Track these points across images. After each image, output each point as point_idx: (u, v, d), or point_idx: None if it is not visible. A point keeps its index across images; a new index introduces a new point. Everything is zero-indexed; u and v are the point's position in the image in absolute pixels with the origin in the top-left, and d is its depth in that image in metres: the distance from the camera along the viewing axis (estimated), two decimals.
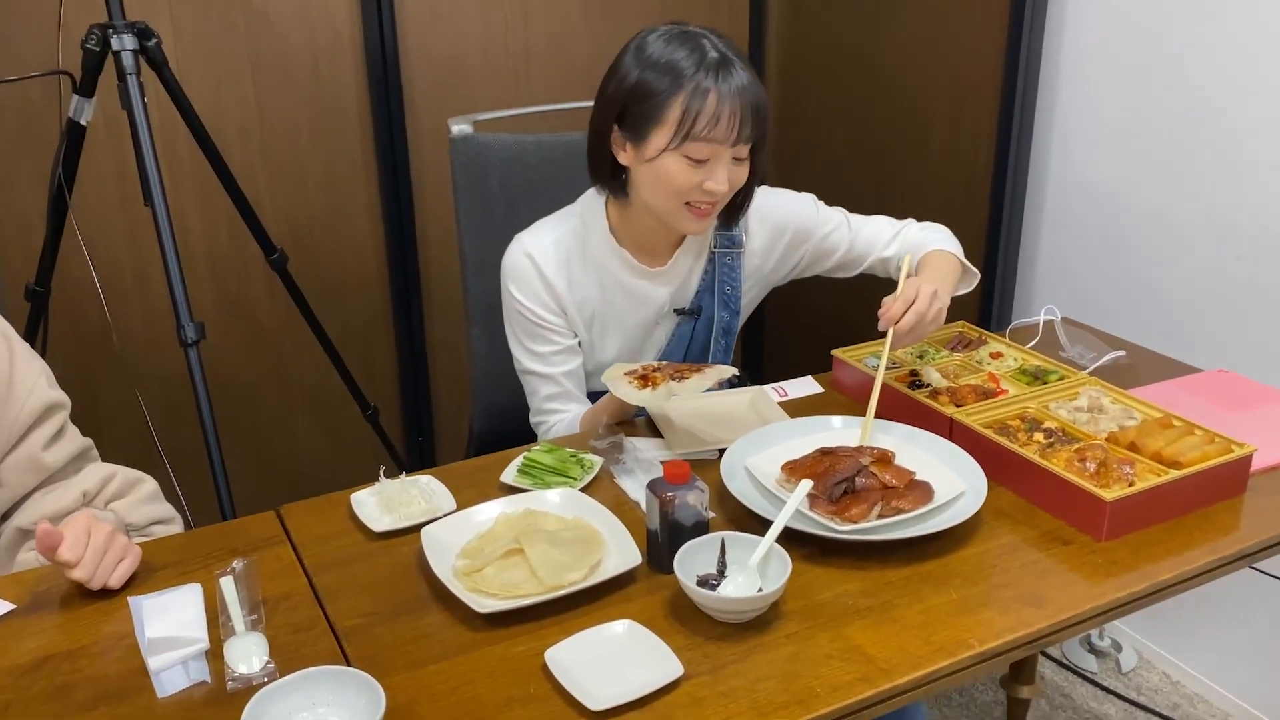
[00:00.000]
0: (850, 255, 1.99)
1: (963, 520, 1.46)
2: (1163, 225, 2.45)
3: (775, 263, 1.98)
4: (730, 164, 1.71)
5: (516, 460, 1.65)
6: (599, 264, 1.86)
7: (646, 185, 1.74)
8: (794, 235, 1.96)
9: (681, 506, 1.39)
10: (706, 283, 1.93)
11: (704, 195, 1.71)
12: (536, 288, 1.84)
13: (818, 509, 1.48)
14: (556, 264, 1.85)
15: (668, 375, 1.65)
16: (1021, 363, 1.89)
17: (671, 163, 1.68)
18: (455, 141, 2.18)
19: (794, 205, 1.97)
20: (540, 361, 1.88)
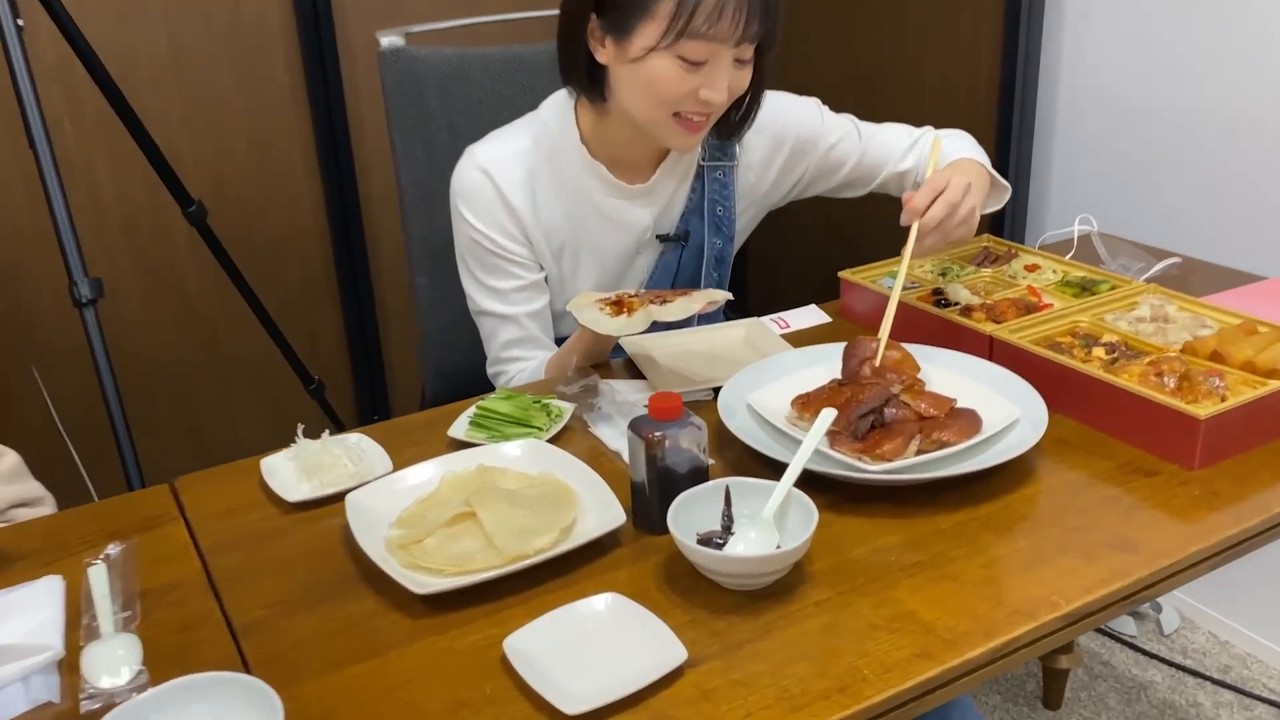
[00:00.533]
0: (860, 169, 1.70)
1: (1022, 452, 1.17)
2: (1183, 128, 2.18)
3: (774, 179, 1.68)
4: (731, 68, 1.42)
5: (468, 411, 1.35)
6: (569, 182, 1.57)
7: (629, 90, 1.45)
8: (795, 146, 1.67)
9: (673, 450, 1.09)
10: (695, 203, 1.64)
11: (698, 105, 1.42)
12: (495, 210, 1.54)
13: (841, 447, 1.20)
14: (518, 182, 1.55)
15: (647, 300, 1.36)
16: (1064, 274, 1.61)
17: (661, 64, 1.39)
18: (385, 56, 1.87)
19: (795, 110, 1.68)
20: (499, 300, 1.58)
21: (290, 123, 2.64)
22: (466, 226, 1.56)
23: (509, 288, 1.57)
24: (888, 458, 1.17)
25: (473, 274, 1.59)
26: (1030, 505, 1.15)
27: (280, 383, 2.62)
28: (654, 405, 1.09)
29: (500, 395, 1.35)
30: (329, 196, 2.70)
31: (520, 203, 1.54)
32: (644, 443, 1.09)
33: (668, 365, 1.48)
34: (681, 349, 1.54)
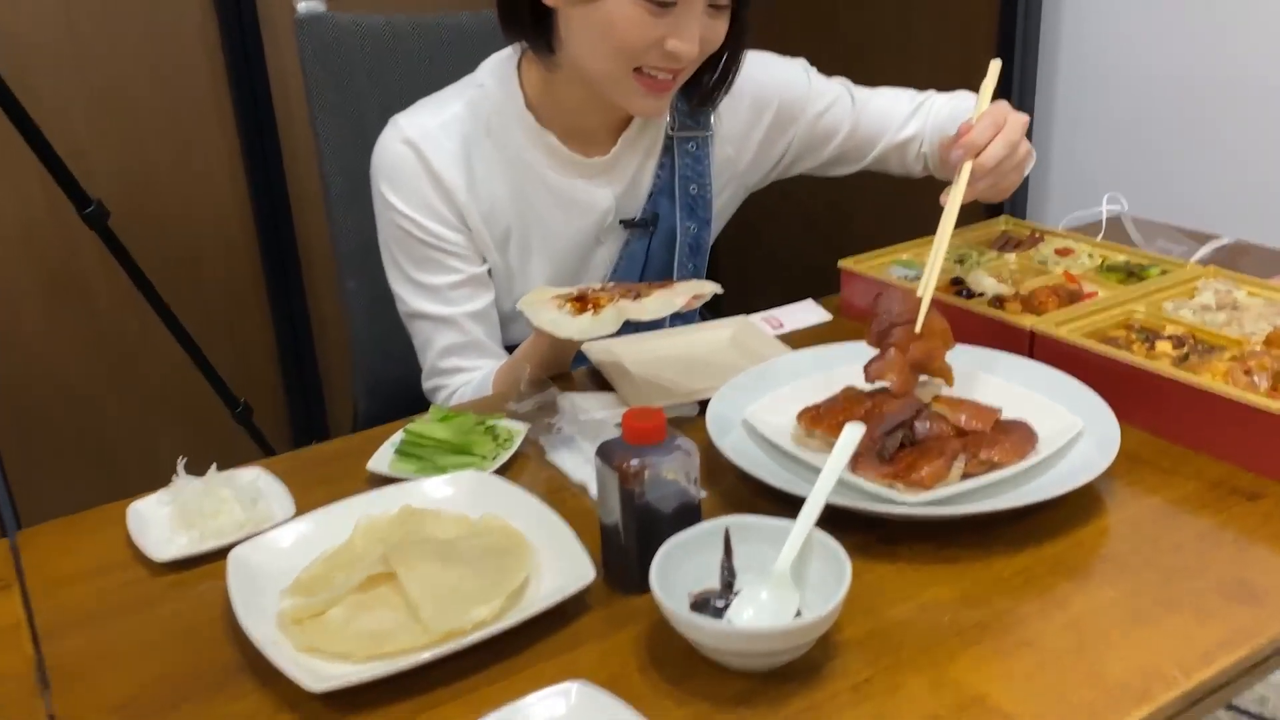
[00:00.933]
0: (854, 140, 1.45)
1: (1096, 475, 0.93)
2: (1203, 98, 1.96)
3: (755, 152, 1.44)
4: (704, 15, 1.17)
5: (394, 437, 1.08)
6: (513, 155, 1.31)
7: (581, 39, 1.20)
8: (779, 112, 1.42)
9: (655, 482, 0.83)
10: (664, 181, 1.39)
11: (663, 59, 1.18)
12: (424, 190, 1.28)
13: (865, 472, 0.94)
14: (452, 156, 1.29)
15: (617, 295, 1.10)
16: (1103, 259, 1.37)
17: (620, 6, 1.15)
18: (302, 24, 1.60)
19: (779, 71, 1.43)
20: (434, 299, 1.32)
21: (210, 114, 2.36)
22: (391, 211, 1.29)
23: (445, 283, 1.31)
24: (926, 484, 0.92)
25: (401, 268, 1.32)
26: (1109, 541, 0.90)
27: (204, 407, 2.33)
28: (630, 425, 0.84)
29: (435, 416, 1.08)
30: (256, 197, 2.42)
31: (455, 181, 1.28)
32: (617, 474, 0.83)
33: (642, 374, 1.22)
34: (656, 355, 1.28)
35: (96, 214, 1.95)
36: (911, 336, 1.03)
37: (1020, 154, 1.16)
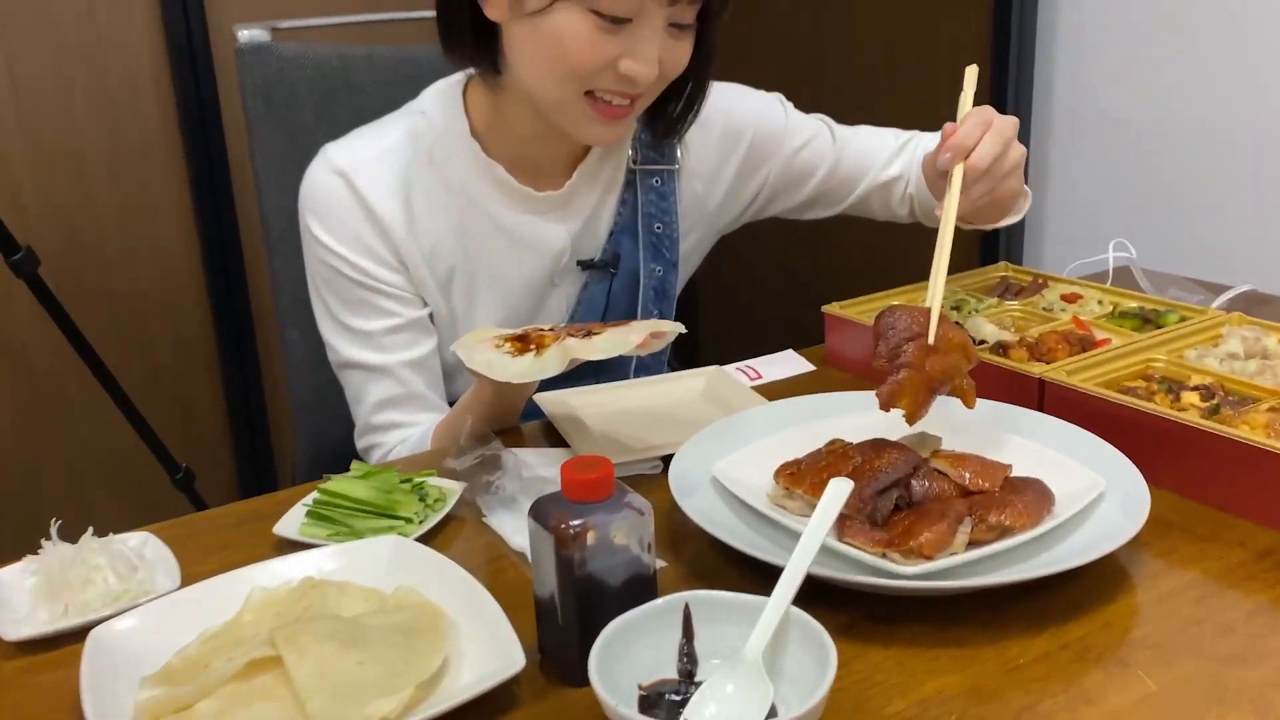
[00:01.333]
0: (835, 178, 1.33)
1: (1123, 542, 0.79)
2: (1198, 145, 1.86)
3: (727, 190, 1.31)
4: (665, 34, 1.05)
5: (309, 497, 0.93)
6: (457, 188, 1.18)
7: (527, 58, 1.07)
8: (753, 146, 1.30)
9: (600, 546, 0.69)
10: (626, 219, 1.26)
11: (617, 82, 1.05)
12: (356, 225, 1.15)
13: (855, 538, 0.80)
14: (388, 188, 1.16)
15: (564, 334, 0.97)
16: (1114, 305, 1.24)
17: (569, 21, 1.02)
18: (244, 54, 1.49)
19: (753, 103, 1.31)
20: (367, 346, 1.18)
21: (159, 158, 2.23)
22: (319, 248, 1.16)
23: (379, 329, 1.17)
24: (926, 553, 0.77)
25: (331, 313, 1.18)
26: (1144, 623, 0.76)
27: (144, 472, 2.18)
28: (569, 477, 0.69)
29: (355, 473, 0.94)
30: (206, 245, 2.29)
31: (391, 215, 1.15)
32: (552, 537, 0.68)
33: (600, 428, 1.08)
34: (618, 407, 1.14)
35: (25, 261, 1.82)
36: (927, 350, 0.89)
37: (1015, 156, 1.04)
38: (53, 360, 2.20)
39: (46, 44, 2.08)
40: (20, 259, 1.81)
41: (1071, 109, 2.04)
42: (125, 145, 2.18)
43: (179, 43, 2.14)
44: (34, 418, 2.23)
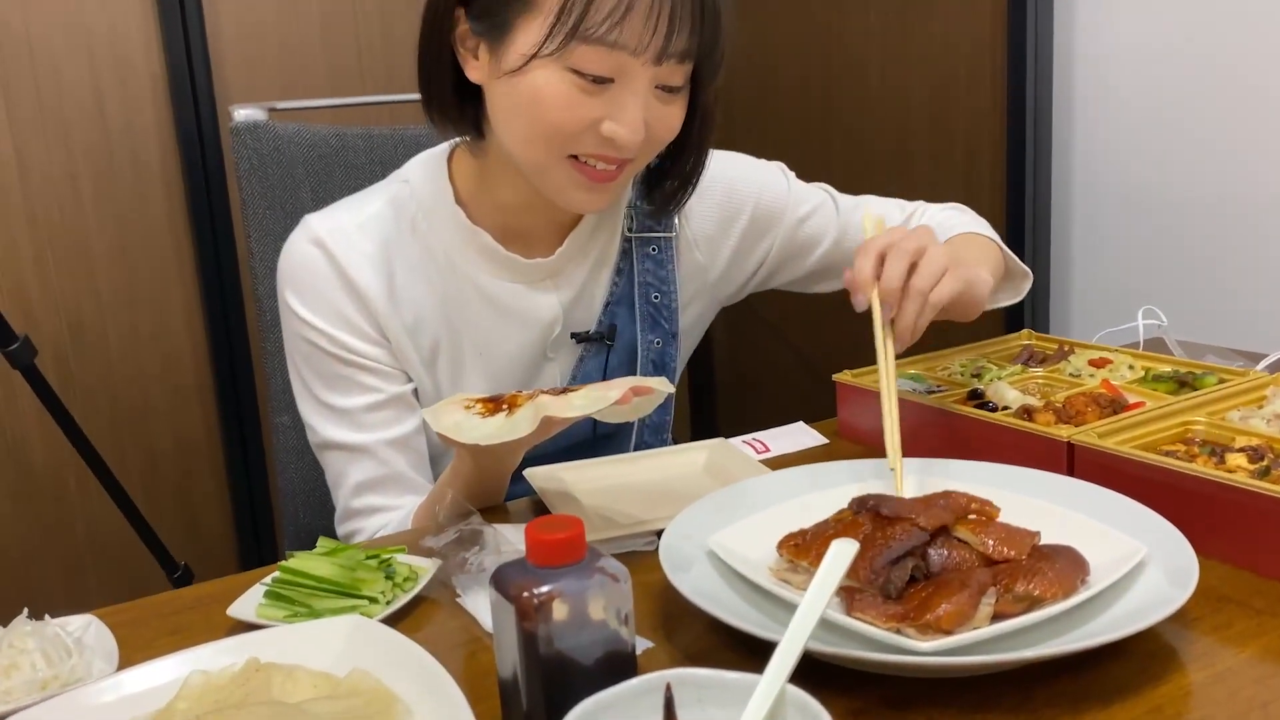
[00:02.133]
0: (841, 249, 1.26)
1: (1164, 616, 0.69)
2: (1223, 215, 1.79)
3: (728, 260, 1.25)
4: (652, 96, 1.00)
5: (270, 576, 0.86)
6: (441, 257, 1.13)
7: (507, 118, 1.02)
8: (755, 216, 1.24)
9: (570, 620, 0.61)
10: (622, 290, 1.20)
11: (600, 145, 1.00)
12: (334, 297, 1.09)
13: (865, 612, 0.71)
14: (368, 258, 1.10)
15: (539, 393, 0.90)
16: (1147, 370, 1.16)
17: (548, 80, 0.97)
18: (239, 133, 1.46)
19: (755, 172, 1.26)
20: (346, 424, 1.11)
21: (165, 247, 2.21)
22: (296, 322, 1.10)
23: (359, 406, 1.10)
24: (945, 627, 0.68)
25: (310, 390, 1.12)
26: (1200, 706, 0.66)
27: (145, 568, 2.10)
28: (534, 537, 0.62)
29: (319, 550, 0.86)
30: (211, 334, 2.25)
31: (371, 286, 1.09)
32: (514, 607, 0.60)
33: (593, 504, 1.00)
34: (615, 482, 1.06)
35: (21, 351, 1.78)
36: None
37: (934, 264, 0.96)
38: (52, 453, 2.15)
39: (55, 134, 2.08)
40: (17, 349, 1.77)
41: (1091, 180, 1.98)
42: (131, 235, 2.16)
43: (188, 133, 2.14)
44: (31, 511, 2.17)
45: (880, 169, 2.27)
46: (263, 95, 2.16)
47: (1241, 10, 1.74)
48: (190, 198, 2.18)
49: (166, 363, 2.24)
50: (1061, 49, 1.98)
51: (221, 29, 2.17)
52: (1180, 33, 1.82)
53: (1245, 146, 1.78)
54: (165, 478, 2.25)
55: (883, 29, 2.22)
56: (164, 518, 2.20)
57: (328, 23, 2.27)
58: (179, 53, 2.11)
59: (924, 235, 0.98)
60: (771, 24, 2.48)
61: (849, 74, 2.32)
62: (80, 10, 2.06)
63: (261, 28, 2.21)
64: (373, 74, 2.31)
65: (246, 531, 2.34)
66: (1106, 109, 1.95)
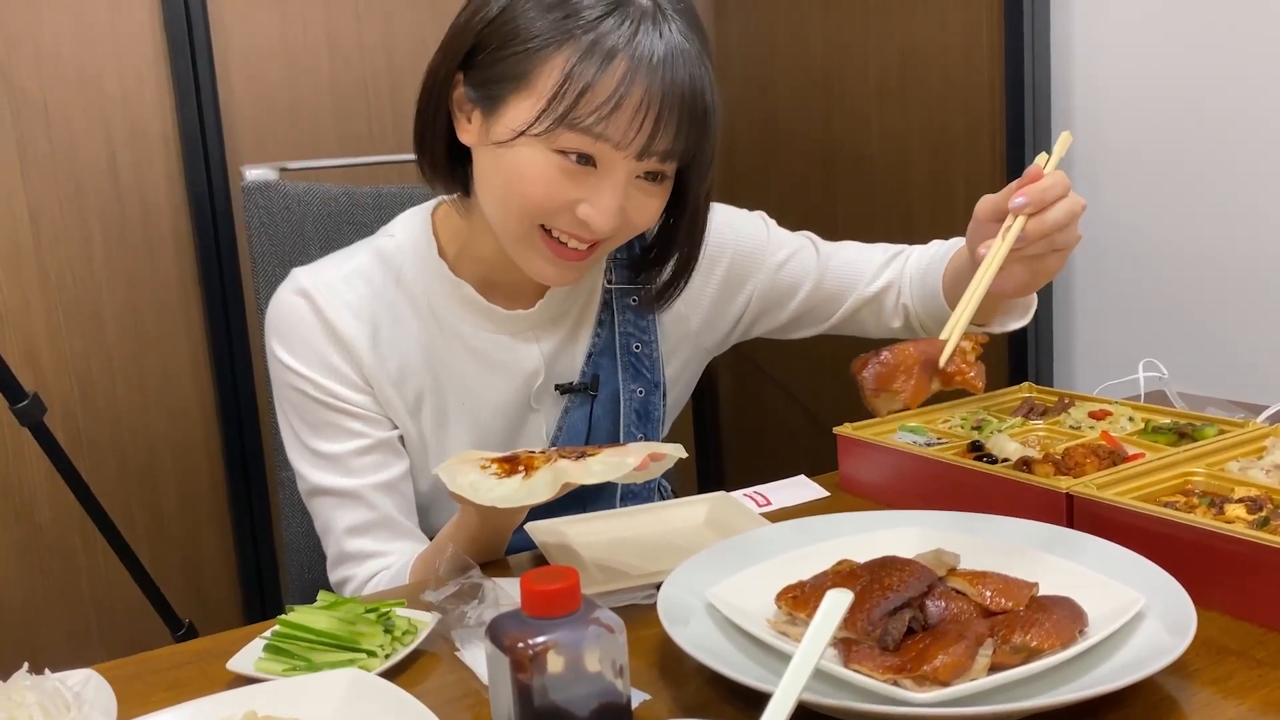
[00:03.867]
0: (821, 293, 1.27)
1: (1163, 666, 0.69)
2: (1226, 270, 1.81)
3: (709, 310, 1.26)
4: (633, 186, 1.02)
5: (271, 630, 0.86)
6: (425, 308, 1.15)
7: (489, 185, 1.06)
8: (734, 263, 1.26)
9: (564, 671, 0.61)
10: (604, 341, 1.21)
11: (574, 225, 1.03)
12: (318, 345, 1.12)
13: (862, 663, 0.71)
14: (352, 308, 1.13)
15: (556, 456, 0.91)
16: (1146, 422, 1.16)
17: (532, 157, 1.00)
18: (250, 192, 1.49)
19: (733, 221, 1.28)
20: (333, 469, 1.12)
21: (175, 307, 2.23)
22: (282, 370, 1.12)
23: (347, 451, 1.12)
24: (942, 678, 0.68)
25: (298, 438, 1.13)
26: None
27: (150, 627, 2.10)
28: (529, 588, 0.62)
29: (320, 604, 0.86)
30: (220, 394, 2.27)
31: (355, 336, 1.11)
32: (509, 659, 0.61)
33: (593, 557, 1.00)
34: (616, 536, 1.07)
35: (30, 408, 1.80)
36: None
37: (1074, 236, 0.98)
38: (59, 510, 2.15)
39: (69, 194, 2.12)
40: (26, 406, 1.79)
41: (1094, 234, 1.99)
42: (141, 294, 2.19)
43: (199, 194, 2.17)
44: (38, 567, 2.17)
45: (881, 221, 2.29)
46: (273, 158, 2.19)
47: (1241, 67, 1.76)
48: (200, 258, 2.20)
49: (174, 421, 2.25)
50: (1060, 102, 2.01)
51: (233, 93, 2.21)
52: (1180, 90, 1.85)
53: (1247, 200, 1.79)
54: (171, 536, 2.26)
55: (881, 82, 2.26)
56: (169, 575, 2.20)
57: (337, 87, 2.31)
58: (191, 115, 2.14)
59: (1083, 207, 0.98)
60: (773, 74, 2.52)
61: (850, 126, 2.35)
62: (95, 74, 2.10)
63: (273, 92, 2.25)
64: (382, 138, 2.35)
65: (251, 587, 2.34)
66: (1106, 162, 1.97)
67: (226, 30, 2.20)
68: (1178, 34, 1.83)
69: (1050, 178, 0.95)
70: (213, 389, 2.27)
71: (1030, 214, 0.95)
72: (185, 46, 2.13)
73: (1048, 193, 0.94)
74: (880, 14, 2.24)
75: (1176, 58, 1.84)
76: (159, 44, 2.14)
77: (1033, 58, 1.96)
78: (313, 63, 2.29)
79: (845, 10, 2.32)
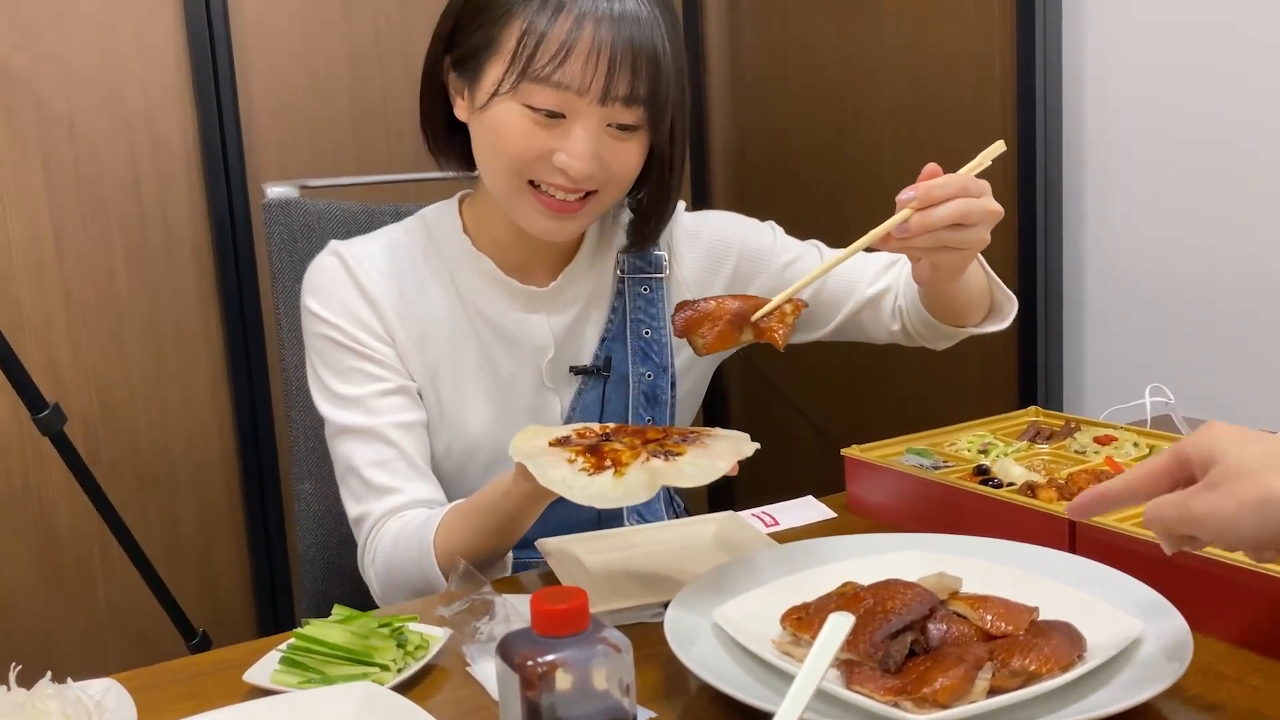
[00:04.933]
0: (822, 296, 1.29)
1: (1162, 689, 0.71)
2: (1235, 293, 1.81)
3: None
4: (604, 133, 1.09)
5: (286, 643, 0.88)
6: (448, 279, 1.23)
7: (479, 150, 1.17)
8: (740, 262, 1.30)
9: (572, 689, 0.63)
10: (616, 327, 1.26)
11: (555, 174, 1.10)
12: (347, 297, 1.20)
13: (863, 685, 0.73)
14: (383, 272, 1.22)
15: (641, 446, 0.92)
16: (1152, 447, 1.17)
17: (506, 114, 1.10)
18: (271, 209, 1.52)
19: (740, 222, 1.34)
20: (356, 409, 1.18)
21: (194, 321, 2.26)
22: (313, 321, 1.21)
23: (369, 393, 1.18)
24: (941, 701, 0.70)
25: (324, 384, 1.20)
26: None
27: (165, 635, 2.12)
28: (539, 608, 0.64)
29: (335, 618, 0.88)
30: (237, 407, 2.29)
31: (382, 295, 1.20)
32: (518, 676, 0.62)
33: (602, 575, 1.02)
34: (625, 554, 1.08)
35: (51, 418, 1.83)
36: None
37: (975, 237, 0.99)
38: (77, 519, 2.18)
39: (92, 210, 2.15)
40: (47, 415, 1.82)
41: (1103, 260, 2.01)
42: (162, 309, 2.22)
43: (220, 211, 2.20)
44: (55, 575, 2.20)
45: None
46: (294, 175, 2.23)
47: (1254, 88, 1.77)
48: (220, 274, 2.23)
49: (192, 434, 2.28)
50: (1072, 130, 2.02)
51: (255, 110, 2.25)
52: (1193, 111, 1.85)
53: (1261, 224, 1.80)
54: (187, 546, 2.28)
55: (894, 99, 2.27)
56: (184, 584, 2.23)
57: (357, 105, 2.34)
58: (213, 132, 2.18)
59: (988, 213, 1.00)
60: (786, 89, 2.54)
61: (861, 148, 2.37)
62: (120, 91, 2.14)
63: (294, 111, 2.28)
64: (401, 156, 2.38)
65: (265, 598, 2.36)
66: (1118, 184, 1.98)
67: (249, 48, 2.23)
68: (1191, 59, 1.84)
69: (946, 177, 0.98)
70: (230, 402, 2.29)
71: (917, 208, 0.97)
72: (208, 64, 2.16)
73: (936, 190, 0.97)
74: (894, 31, 2.26)
75: (1188, 83, 1.85)
76: (183, 61, 2.18)
77: (1044, 79, 1.98)
78: (334, 80, 2.32)
79: (858, 26, 2.34)
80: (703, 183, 2.77)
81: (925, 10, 2.18)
